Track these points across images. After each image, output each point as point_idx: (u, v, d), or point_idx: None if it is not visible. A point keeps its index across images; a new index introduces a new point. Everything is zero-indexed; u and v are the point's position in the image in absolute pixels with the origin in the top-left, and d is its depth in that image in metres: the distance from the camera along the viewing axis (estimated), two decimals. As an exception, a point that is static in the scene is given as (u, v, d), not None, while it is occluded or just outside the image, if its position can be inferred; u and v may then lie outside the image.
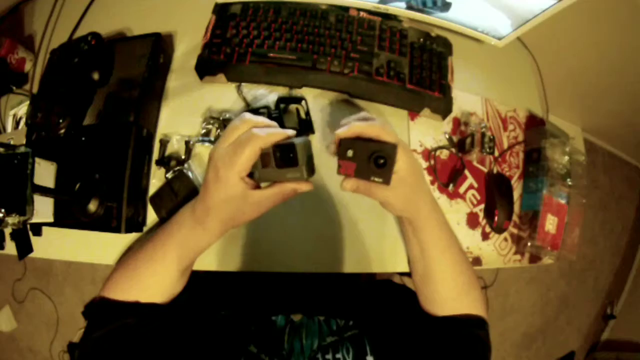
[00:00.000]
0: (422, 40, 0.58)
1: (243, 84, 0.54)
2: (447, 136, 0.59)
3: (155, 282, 0.38)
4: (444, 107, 0.57)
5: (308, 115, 0.52)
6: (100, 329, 0.35)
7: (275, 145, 0.32)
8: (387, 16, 0.59)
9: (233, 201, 0.34)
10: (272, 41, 0.53)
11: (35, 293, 1.46)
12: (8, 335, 1.47)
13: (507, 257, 0.59)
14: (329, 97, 0.56)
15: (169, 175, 0.49)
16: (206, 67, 0.52)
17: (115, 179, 0.45)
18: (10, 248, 0.47)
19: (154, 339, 0.36)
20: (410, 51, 0.57)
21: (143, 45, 0.51)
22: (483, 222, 0.58)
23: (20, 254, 0.45)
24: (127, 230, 0.45)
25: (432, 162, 0.57)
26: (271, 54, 0.52)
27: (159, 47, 0.52)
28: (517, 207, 0.61)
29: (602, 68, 0.84)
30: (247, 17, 0.55)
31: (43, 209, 0.44)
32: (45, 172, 0.45)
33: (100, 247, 0.49)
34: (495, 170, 0.61)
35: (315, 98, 0.55)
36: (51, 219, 0.46)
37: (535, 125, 0.67)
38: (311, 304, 0.51)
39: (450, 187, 0.57)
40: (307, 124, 0.52)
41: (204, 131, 0.51)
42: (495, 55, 0.66)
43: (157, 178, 0.50)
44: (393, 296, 0.57)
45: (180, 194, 0.47)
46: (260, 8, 0.55)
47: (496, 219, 0.57)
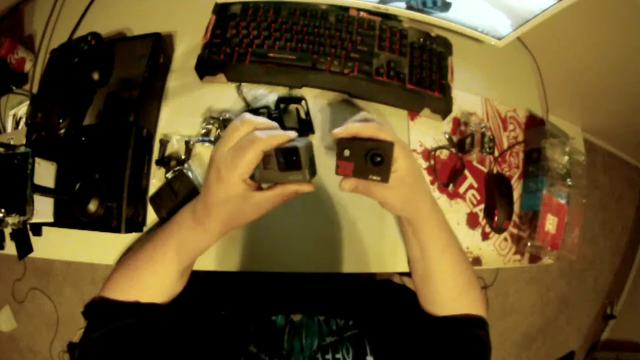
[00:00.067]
0: (422, 40, 0.58)
1: (243, 84, 0.54)
2: (447, 136, 0.59)
3: (155, 282, 0.38)
4: (444, 107, 0.57)
5: (308, 115, 0.52)
6: (100, 329, 0.35)
7: (278, 148, 0.32)
8: (387, 16, 0.59)
9: (234, 202, 0.33)
10: (272, 41, 0.53)
11: (35, 293, 1.46)
12: (8, 335, 1.47)
13: (507, 257, 0.59)
14: (329, 97, 0.56)
15: (169, 175, 0.49)
16: (206, 67, 0.52)
17: (115, 179, 0.45)
18: (10, 248, 0.47)
19: (154, 339, 0.36)
20: (410, 51, 0.57)
21: (143, 45, 0.51)
22: (483, 222, 0.58)
23: (20, 254, 0.45)
24: (127, 230, 0.45)
25: (432, 162, 0.57)
26: (271, 54, 0.52)
27: (159, 47, 0.52)
28: (517, 207, 0.61)
29: (602, 68, 0.84)
30: (247, 17, 0.55)
31: (43, 209, 0.44)
32: (45, 172, 0.45)
33: (100, 247, 0.49)
34: (495, 170, 0.61)
35: (315, 98, 0.55)
36: (51, 219, 0.46)
37: (535, 125, 0.67)
38: (311, 304, 0.51)
39: (450, 187, 0.57)
40: (307, 124, 0.52)
41: (204, 131, 0.51)
42: (495, 55, 0.66)
43: (157, 178, 0.50)
44: (393, 296, 0.57)
45: (180, 194, 0.47)
46: (260, 8, 0.56)
47: (496, 219, 0.57)
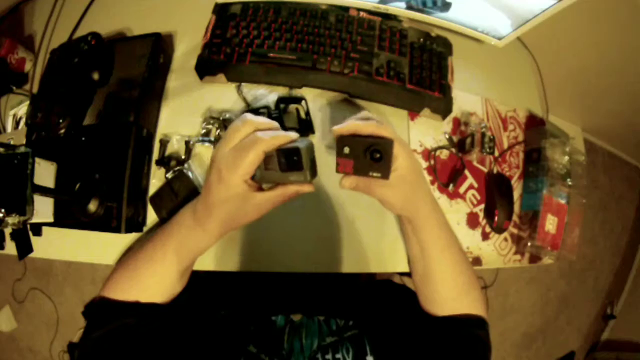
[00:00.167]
0: (422, 40, 0.58)
1: (243, 84, 0.54)
2: (447, 136, 0.59)
3: (155, 282, 0.38)
4: (444, 107, 0.57)
5: (308, 115, 0.52)
6: (100, 328, 0.35)
7: (279, 149, 0.32)
8: (387, 16, 0.59)
9: (235, 202, 0.33)
10: (272, 41, 0.53)
11: (35, 293, 1.46)
12: (8, 335, 1.47)
13: (507, 257, 0.59)
14: (329, 97, 0.56)
15: (169, 175, 0.49)
16: (206, 67, 0.52)
17: (115, 179, 0.45)
18: (10, 248, 0.47)
19: (153, 339, 0.36)
20: (410, 51, 0.57)
21: (143, 45, 0.51)
22: (483, 222, 0.58)
23: (20, 254, 0.45)
24: (127, 230, 0.45)
25: (432, 162, 0.57)
26: (271, 54, 0.52)
27: (159, 47, 0.52)
28: (517, 207, 0.61)
29: (602, 68, 0.84)
30: (247, 17, 0.55)
31: (43, 209, 0.44)
32: (45, 172, 0.45)
33: (100, 247, 0.49)
34: (495, 170, 0.61)
35: (315, 98, 0.55)
36: (51, 219, 0.46)
37: (535, 125, 0.67)
38: (311, 304, 0.51)
39: (450, 187, 0.57)
40: (307, 124, 0.52)
41: (204, 131, 0.51)
42: (495, 55, 0.66)
43: (157, 178, 0.50)
44: (393, 296, 0.57)
45: (180, 194, 0.47)
46: (260, 8, 0.56)
47: (496, 219, 0.57)
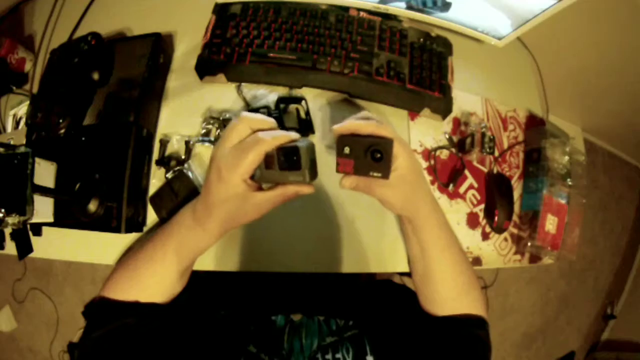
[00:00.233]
0: (422, 40, 0.58)
1: (243, 84, 0.54)
2: (447, 136, 0.59)
3: (155, 282, 0.38)
4: (444, 107, 0.57)
5: (308, 115, 0.52)
6: (99, 328, 0.35)
7: (279, 148, 0.32)
8: (387, 16, 0.59)
9: (234, 202, 0.33)
10: (272, 41, 0.53)
11: (35, 293, 1.46)
12: (8, 335, 1.47)
13: (507, 257, 0.59)
14: (329, 97, 0.56)
15: (169, 175, 0.49)
16: (206, 67, 0.52)
17: (115, 179, 0.45)
18: (10, 248, 0.47)
19: (153, 339, 0.36)
20: (410, 51, 0.57)
21: (143, 45, 0.51)
22: (483, 222, 0.58)
23: (20, 254, 0.45)
24: (127, 230, 0.45)
25: (432, 162, 0.57)
26: (271, 54, 0.52)
27: (159, 47, 0.52)
28: (517, 207, 0.61)
29: (602, 68, 0.84)
30: (247, 17, 0.55)
31: (43, 209, 0.44)
32: (45, 172, 0.45)
33: (100, 247, 0.49)
34: (495, 170, 0.61)
35: (315, 98, 0.55)
36: (51, 219, 0.46)
37: (535, 125, 0.67)
38: (311, 303, 0.51)
39: (450, 187, 0.57)
40: (307, 124, 0.52)
41: (204, 131, 0.51)
42: (495, 55, 0.66)
43: (157, 178, 0.50)
44: (393, 296, 0.57)
45: (180, 194, 0.47)
46: (260, 8, 0.56)
47: (496, 219, 0.57)
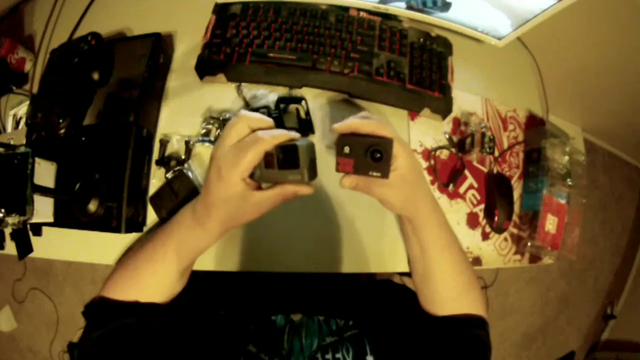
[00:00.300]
0: (422, 40, 0.58)
1: (243, 84, 0.54)
2: (447, 136, 0.59)
3: (155, 282, 0.38)
4: (444, 107, 0.57)
5: (308, 115, 0.52)
6: (99, 328, 0.35)
7: (279, 147, 0.32)
8: (387, 16, 0.59)
9: (234, 201, 0.34)
10: (272, 41, 0.53)
11: (35, 293, 1.46)
12: (8, 335, 1.47)
13: (507, 257, 0.59)
14: (329, 97, 0.56)
15: (169, 175, 0.49)
16: (206, 67, 0.52)
17: (115, 179, 0.45)
18: (10, 248, 0.47)
19: (153, 339, 0.36)
20: (410, 51, 0.57)
21: (143, 45, 0.51)
22: (483, 222, 0.58)
23: (20, 254, 0.45)
24: (127, 230, 0.45)
25: (432, 162, 0.57)
26: (271, 54, 0.52)
27: (159, 47, 0.52)
28: (517, 207, 0.61)
29: (602, 68, 0.84)
30: (247, 17, 0.55)
31: (43, 209, 0.44)
32: (45, 172, 0.45)
33: (100, 247, 0.49)
34: (495, 170, 0.61)
35: (315, 98, 0.55)
36: (51, 219, 0.46)
37: (535, 125, 0.67)
38: (311, 303, 0.51)
39: (450, 187, 0.57)
40: (307, 124, 0.52)
41: (204, 131, 0.51)
42: (495, 55, 0.66)
43: (157, 178, 0.50)
44: (393, 296, 0.57)
45: (180, 194, 0.47)
46: (260, 8, 0.56)
47: (496, 219, 0.57)
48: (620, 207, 1.72)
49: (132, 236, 0.48)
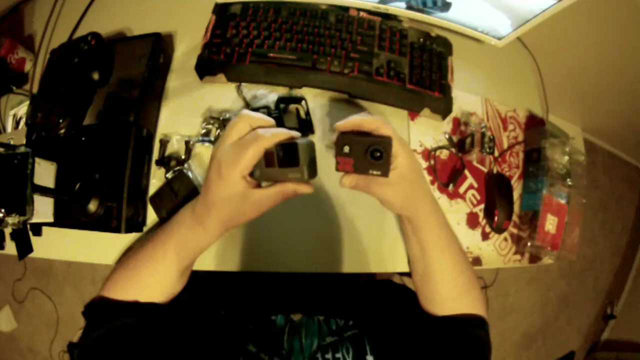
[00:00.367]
0: (422, 40, 0.58)
1: (243, 84, 0.54)
2: (447, 136, 0.59)
3: (155, 281, 0.38)
4: (444, 107, 0.57)
5: (308, 115, 0.53)
6: (99, 328, 0.35)
7: (279, 145, 0.33)
8: (387, 16, 0.59)
9: (234, 200, 0.34)
10: (272, 41, 0.53)
11: (35, 293, 1.46)
12: (8, 335, 1.47)
13: (507, 257, 0.59)
14: (329, 97, 0.56)
15: (169, 175, 0.49)
16: (206, 67, 0.52)
17: (115, 179, 0.45)
18: (10, 248, 0.47)
19: (153, 339, 0.36)
20: (410, 51, 0.57)
21: (143, 45, 0.51)
22: (483, 222, 0.58)
23: (20, 254, 0.45)
24: (127, 230, 0.45)
25: (432, 162, 0.57)
26: (271, 54, 0.52)
27: (159, 47, 0.52)
28: (517, 207, 0.61)
29: (602, 68, 0.84)
30: (247, 17, 0.55)
31: (43, 209, 0.44)
32: (45, 172, 0.45)
33: (100, 247, 0.49)
34: (495, 170, 0.61)
35: (315, 98, 0.55)
36: (51, 219, 0.46)
37: (535, 125, 0.67)
38: (311, 303, 0.51)
39: (450, 187, 0.57)
40: (307, 124, 0.52)
41: (204, 131, 0.51)
42: (495, 55, 0.66)
43: (157, 178, 0.50)
44: (393, 296, 0.57)
45: (180, 194, 0.47)
46: (260, 8, 0.56)
47: (496, 219, 0.57)
48: (620, 207, 1.72)
49: (132, 236, 0.48)
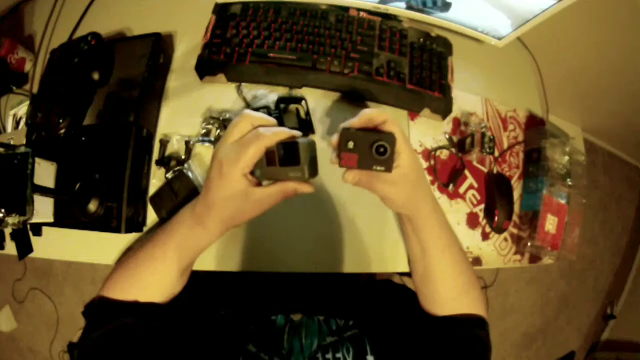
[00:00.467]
0: (422, 40, 0.58)
1: (243, 84, 0.54)
2: (447, 136, 0.59)
3: (155, 281, 0.38)
4: (444, 107, 0.57)
5: (308, 115, 0.52)
6: (99, 328, 0.35)
7: (280, 144, 0.33)
8: (387, 16, 0.59)
9: (235, 199, 0.34)
10: (272, 41, 0.53)
11: (35, 293, 1.46)
12: (8, 335, 1.47)
13: (507, 257, 0.59)
14: (329, 97, 0.56)
15: (169, 175, 0.49)
16: (206, 67, 0.52)
17: (115, 179, 0.45)
18: (10, 248, 0.47)
19: (153, 339, 0.36)
20: (410, 51, 0.57)
21: (143, 45, 0.51)
22: (483, 222, 0.58)
23: (20, 254, 0.45)
24: (127, 230, 0.45)
25: (432, 162, 0.57)
26: (271, 54, 0.52)
27: (159, 47, 0.52)
28: (517, 207, 0.61)
29: (602, 68, 0.84)
30: (247, 17, 0.55)
31: (43, 209, 0.44)
32: (45, 172, 0.45)
33: (100, 247, 0.49)
34: (495, 170, 0.61)
35: (315, 98, 0.55)
36: (51, 219, 0.46)
37: (535, 125, 0.67)
38: (311, 303, 0.51)
39: (450, 187, 0.57)
40: (307, 124, 0.52)
41: (204, 131, 0.51)
42: (495, 55, 0.66)
43: (157, 178, 0.50)
44: (393, 296, 0.57)
45: (180, 194, 0.47)
46: (260, 8, 0.56)
47: (496, 219, 0.57)
48: (620, 207, 1.72)
49: (132, 236, 0.48)
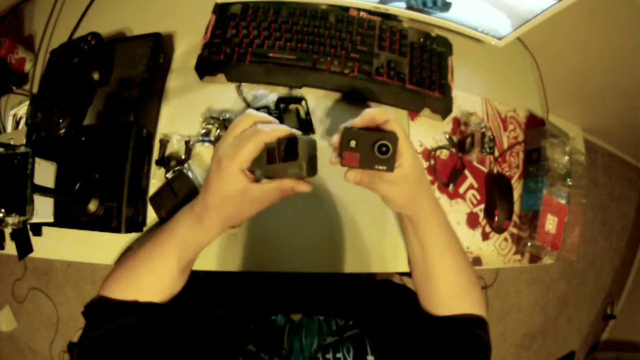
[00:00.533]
0: (422, 40, 0.58)
1: (243, 84, 0.54)
2: (447, 136, 0.59)
3: (155, 280, 0.38)
4: (444, 107, 0.57)
5: (308, 115, 0.53)
6: (98, 328, 0.35)
7: (280, 141, 0.33)
8: (387, 16, 0.59)
9: (233, 196, 0.34)
10: (272, 41, 0.53)
11: (35, 293, 1.46)
12: (8, 335, 1.47)
13: (507, 257, 0.59)
14: (329, 97, 0.56)
15: (169, 175, 0.49)
16: (206, 67, 0.52)
17: (115, 179, 0.45)
18: (10, 248, 0.47)
19: (152, 339, 0.36)
20: (410, 51, 0.57)
21: (143, 45, 0.51)
22: (483, 222, 0.58)
23: (20, 254, 0.45)
24: (127, 230, 0.45)
25: (432, 162, 0.57)
26: (271, 54, 0.52)
27: (159, 47, 0.52)
28: (517, 207, 0.61)
29: (602, 68, 0.84)
30: (247, 17, 0.55)
31: (43, 209, 0.44)
32: (45, 172, 0.45)
33: (100, 247, 0.49)
34: (495, 170, 0.61)
35: (315, 98, 0.55)
36: (51, 219, 0.46)
37: (535, 125, 0.67)
38: (311, 303, 0.51)
39: (450, 187, 0.57)
40: (307, 124, 0.52)
41: (204, 131, 0.51)
42: (495, 55, 0.66)
43: (157, 178, 0.50)
44: (393, 296, 0.57)
45: (180, 194, 0.47)
46: (260, 8, 0.56)
47: (496, 219, 0.57)
48: (620, 207, 1.72)
49: (132, 236, 0.48)
